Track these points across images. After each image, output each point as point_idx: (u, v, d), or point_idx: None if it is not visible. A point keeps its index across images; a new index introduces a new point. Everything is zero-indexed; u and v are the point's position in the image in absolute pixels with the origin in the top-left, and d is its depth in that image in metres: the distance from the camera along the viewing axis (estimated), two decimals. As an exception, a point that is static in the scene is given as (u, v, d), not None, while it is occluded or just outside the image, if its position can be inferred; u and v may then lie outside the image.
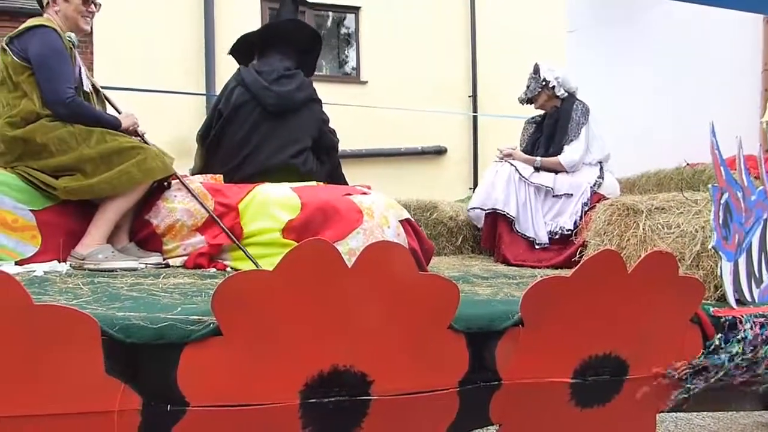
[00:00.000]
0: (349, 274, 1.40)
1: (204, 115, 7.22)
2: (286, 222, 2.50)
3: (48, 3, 2.57)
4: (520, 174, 3.60)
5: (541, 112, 3.94)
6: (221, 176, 2.77)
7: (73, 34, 2.60)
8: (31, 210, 2.39)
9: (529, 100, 3.86)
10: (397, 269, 1.44)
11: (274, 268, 1.38)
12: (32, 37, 2.43)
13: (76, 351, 1.33)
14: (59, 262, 2.38)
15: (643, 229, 2.81)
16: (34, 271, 2.20)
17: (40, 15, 2.59)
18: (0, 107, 2.43)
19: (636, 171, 4.45)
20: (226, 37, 3.31)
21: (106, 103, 2.76)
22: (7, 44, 2.44)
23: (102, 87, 2.80)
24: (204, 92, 7.25)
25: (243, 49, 3.17)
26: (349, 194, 2.62)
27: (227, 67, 3.83)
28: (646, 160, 4.43)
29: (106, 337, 1.34)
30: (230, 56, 3.21)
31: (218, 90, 3.80)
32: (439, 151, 8.73)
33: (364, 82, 8.48)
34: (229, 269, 2.46)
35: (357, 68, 8.64)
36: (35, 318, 1.30)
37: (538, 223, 3.52)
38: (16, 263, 2.31)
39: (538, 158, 3.67)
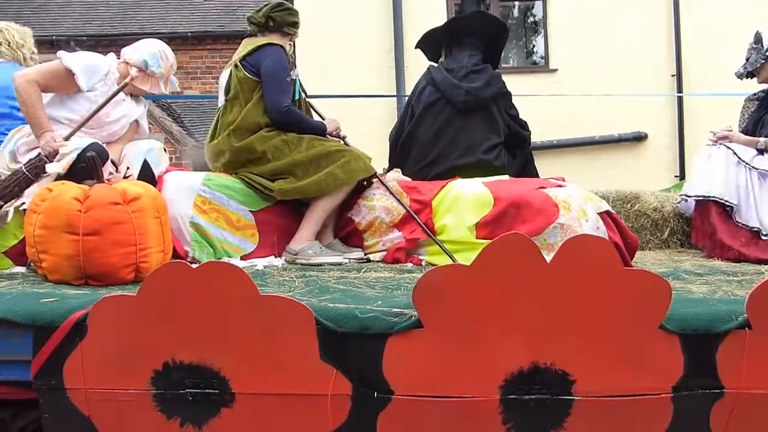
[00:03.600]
0: (549, 270, 1.36)
1: (395, 115, 7.53)
2: (479, 218, 2.51)
3: (271, 30, 2.83)
4: (738, 158, 3.19)
5: (765, 86, 3.46)
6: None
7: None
8: (250, 210, 2.69)
9: (750, 74, 3.40)
10: (600, 264, 1.38)
11: (471, 263, 1.40)
12: (263, 53, 2.73)
13: (295, 338, 1.47)
14: (275, 257, 2.65)
15: None
16: (256, 265, 2.47)
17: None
18: (231, 118, 2.76)
19: None
20: (414, 38, 3.40)
21: (311, 110, 3.01)
22: (240, 62, 2.78)
23: (307, 97, 3.05)
24: (395, 94, 7.54)
25: (430, 45, 3.23)
26: (543, 187, 2.54)
27: (417, 68, 3.94)
28: None
29: (320, 326, 1.47)
30: (419, 57, 3.28)
31: (408, 91, 3.92)
32: (639, 138, 8.08)
33: (554, 70, 8.15)
34: (424, 264, 2.54)
35: (545, 56, 8.34)
36: (261, 307, 1.47)
37: (764, 212, 3.09)
38: (241, 258, 2.62)
39: (762, 139, 3.22)
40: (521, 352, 1.41)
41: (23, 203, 2.25)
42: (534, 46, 8.67)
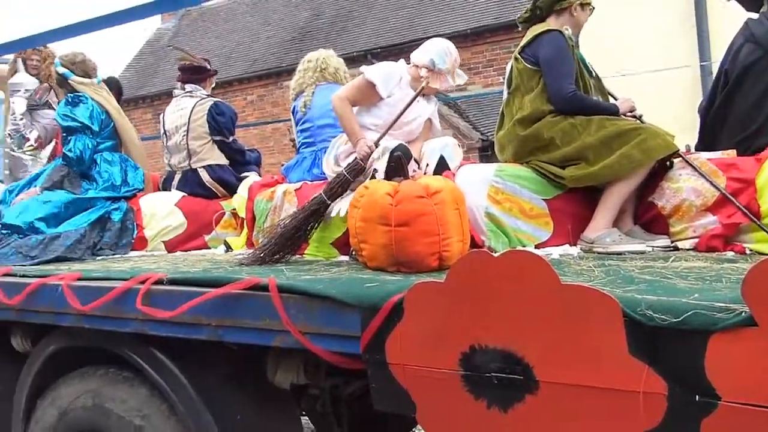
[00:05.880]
0: None
1: (699, 85, 6.68)
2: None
3: (554, 14, 2.79)
4: None
5: None
6: (734, 151, 2.49)
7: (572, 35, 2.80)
8: (543, 199, 2.66)
9: None
10: None
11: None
12: (540, 42, 2.73)
13: (599, 329, 1.41)
14: (570, 245, 2.59)
15: None
16: (551, 254, 2.44)
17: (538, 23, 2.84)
18: (514, 110, 2.79)
19: None
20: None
21: (603, 90, 2.85)
22: (519, 53, 2.80)
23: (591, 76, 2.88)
24: (698, 62, 6.71)
25: None
26: None
27: (725, 30, 3.42)
28: None
29: (627, 318, 1.38)
30: (726, 17, 2.84)
31: (715, 57, 3.43)
32: None
33: None
34: (750, 252, 2.21)
35: None
36: (563, 296, 1.44)
37: None
38: (535, 247, 2.61)
39: None
40: None
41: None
42: None
